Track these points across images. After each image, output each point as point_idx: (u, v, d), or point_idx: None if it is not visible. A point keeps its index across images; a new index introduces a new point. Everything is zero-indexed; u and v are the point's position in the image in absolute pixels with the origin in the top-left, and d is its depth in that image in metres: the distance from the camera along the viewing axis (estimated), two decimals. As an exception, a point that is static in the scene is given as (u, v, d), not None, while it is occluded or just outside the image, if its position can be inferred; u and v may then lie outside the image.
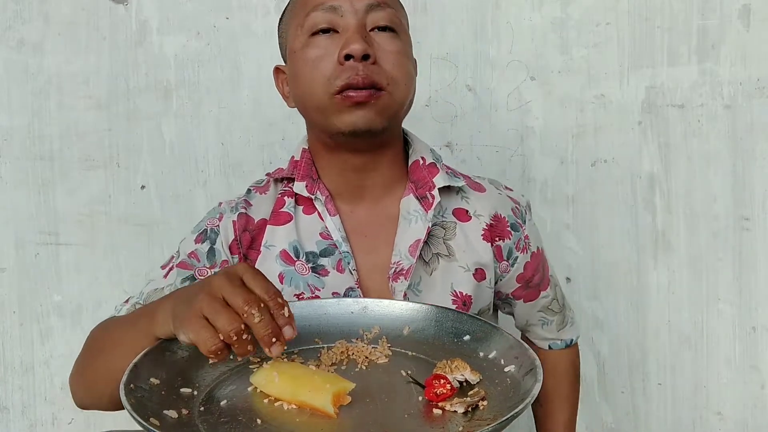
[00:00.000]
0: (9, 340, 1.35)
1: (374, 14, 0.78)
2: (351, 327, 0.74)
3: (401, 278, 0.81)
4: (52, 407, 1.35)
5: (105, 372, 0.71)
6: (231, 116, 1.31)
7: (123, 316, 0.79)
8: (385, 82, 0.76)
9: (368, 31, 0.78)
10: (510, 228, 0.88)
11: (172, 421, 0.56)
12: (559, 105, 1.27)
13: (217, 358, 0.58)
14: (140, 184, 1.32)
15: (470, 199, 0.88)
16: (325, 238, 0.83)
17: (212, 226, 0.85)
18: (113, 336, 0.74)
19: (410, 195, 0.85)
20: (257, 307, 0.57)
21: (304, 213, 0.85)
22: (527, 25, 1.26)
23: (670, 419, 1.28)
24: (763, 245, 1.23)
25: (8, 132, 1.32)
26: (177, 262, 0.85)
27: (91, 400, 0.76)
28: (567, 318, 0.99)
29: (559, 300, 0.98)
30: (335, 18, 0.77)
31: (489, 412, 0.58)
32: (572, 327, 1.01)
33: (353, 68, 0.75)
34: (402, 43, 0.80)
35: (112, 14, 1.30)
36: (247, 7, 1.29)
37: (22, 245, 1.33)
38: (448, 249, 0.85)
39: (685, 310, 1.27)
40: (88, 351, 0.77)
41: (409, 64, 0.80)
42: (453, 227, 0.86)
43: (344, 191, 0.85)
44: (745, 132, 1.22)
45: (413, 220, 0.83)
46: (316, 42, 0.78)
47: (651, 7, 1.24)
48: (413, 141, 0.90)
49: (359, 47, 0.74)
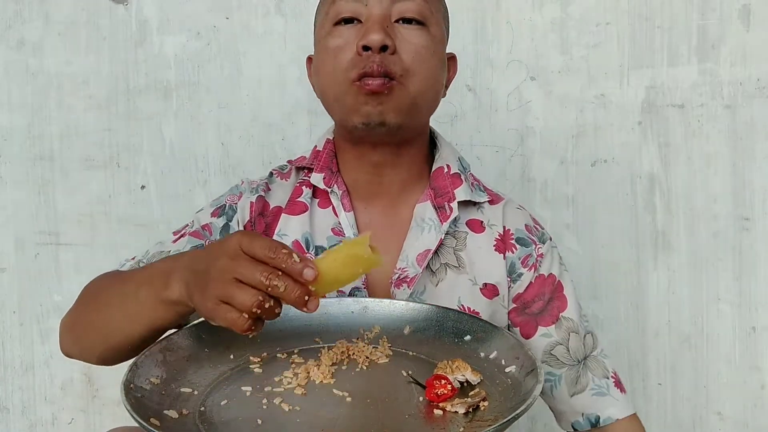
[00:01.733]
0: (9, 340, 1.34)
1: (401, 5, 0.75)
2: (351, 327, 0.74)
3: (404, 286, 0.79)
4: (52, 407, 1.35)
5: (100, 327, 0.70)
6: (231, 116, 1.31)
7: (126, 273, 0.77)
8: (399, 72, 0.74)
9: (393, 21, 0.75)
10: (515, 242, 0.84)
11: (172, 421, 0.56)
12: (559, 105, 1.27)
13: (254, 332, 0.58)
14: (140, 184, 1.32)
15: (485, 208, 0.85)
16: (337, 234, 0.82)
17: (231, 202, 0.85)
18: (114, 292, 0.72)
19: (427, 202, 0.82)
20: (275, 276, 0.56)
21: (319, 206, 0.83)
22: (527, 25, 1.26)
23: (670, 419, 1.28)
24: (763, 245, 1.23)
25: (8, 132, 1.32)
26: (191, 230, 0.84)
27: (79, 350, 0.75)
28: (587, 381, 0.80)
29: (572, 351, 0.81)
30: (359, 7, 0.75)
31: (490, 412, 0.58)
32: (600, 398, 0.79)
33: (369, 58, 0.73)
34: (429, 37, 0.76)
35: (112, 14, 1.30)
36: (247, 7, 1.29)
37: (22, 245, 1.33)
38: (458, 260, 0.82)
39: (685, 310, 1.27)
40: (85, 302, 0.76)
41: (432, 59, 0.77)
42: (464, 237, 0.82)
43: (361, 187, 0.83)
44: (745, 132, 1.22)
45: (426, 228, 0.81)
46: (338, 32, 0.77)
47: (651, 7, 1.24)
48: (441, 146, 0.86)
49: (377, 38, 0.72)
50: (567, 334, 0.82)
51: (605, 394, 0.79)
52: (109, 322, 0.69)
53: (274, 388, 0.63)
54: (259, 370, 0.66)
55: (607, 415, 0.79)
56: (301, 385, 0.63)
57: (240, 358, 0.68)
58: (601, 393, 0.79)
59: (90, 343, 0.73)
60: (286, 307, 0.59)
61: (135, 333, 0.68)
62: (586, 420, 0.80)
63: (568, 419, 0.83)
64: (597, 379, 0.80)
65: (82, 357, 0.76)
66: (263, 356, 0.69)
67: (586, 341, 0.82)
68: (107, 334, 0.69)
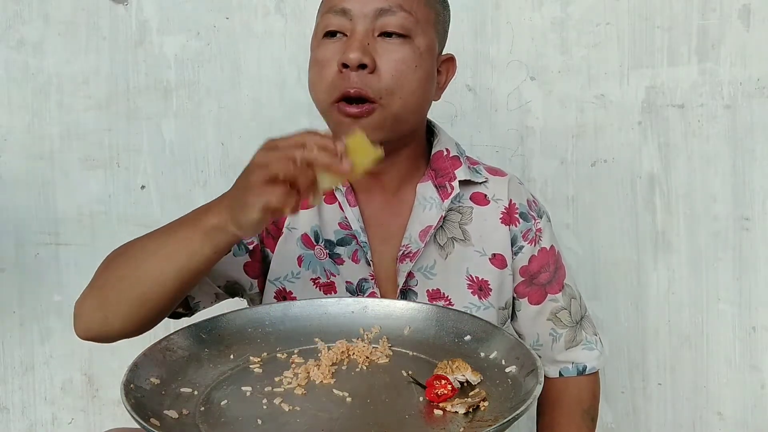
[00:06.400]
0: (9, 340, 1.34)
1: (383, 19, 0.76)
2: (352, 326, 0.74)
3: (407, 260, 0.82)
4: (52, 407, 1.35)
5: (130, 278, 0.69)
6: (231, 116, 1.31)
7: (151, 231, 0.75)
8: (377, 95, 0.75)
9: (377, 35, 0.77)
10: (519, 216, 0.88)
11: (172, 421, 0.56)
12: (559, 105, 1.27)
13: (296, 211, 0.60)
14: (140, 184, 1.32)
15: (489, 183, 0.89)
16: (344, 228, 0.85)
17: None
18: (147, 240, 0.72)
19: (428, 182, 0.86)
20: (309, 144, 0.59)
21: (325, 202, 0.86)
22: (527, 25, 1.26)
23: (670, 419, 1.28)
24: (763, 245, 1.23)
25: (8, 132, 1.32)
26: None
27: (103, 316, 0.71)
28: (581, 339, 0.92)
29: (572, 314, 0.92)
30: (344, 22, 0.77)
31: (490, 413, 0.58)
32: (588, 352, 0.92)
33: (348, 77, 0.75)
34: (411, 50, 0.77)
35: (112, 14, 1.30)
36: (247, 7, 1.29)
37: (22, 245, 1.33)
38: (464, 234, 0.85)
39: (685, 310, 1.27)
40: (110, 262, 0.75)
41: (416, 73, 0.78)
42: (470, 212, 0.86)
43: (363, 183, 0.86)
44: (745, 132, 1.22)
45: (428, 206, 0.84)
46: (325, 45, 0.79)
47: (651, 7, 1.24)
48: (439, 133, 0.90)
49: (354, 57, 0.74)
50: (569, 299, 0.91)
51: (593, 348, 0.92)
52: (141, 268, 0.68)
53: (274, 388, 0.63)
54: (259, 370, 0.66)
55: (592, 365, 0.92)
56: (301, 385, 0.63)
57: (240, 358, 0.68)
58: (590, 348, 0.92)
59: (117, 301, 0.70)
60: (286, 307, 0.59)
61: (169, 277, 0.67)
62: (574, 368, 0.92)
63: (557, 367, 0.93)
64: (589, 336, 0.92)
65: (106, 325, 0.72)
66: (263, 356, 0.69)
67: (582, 304, 0.93)
68: (138, 284, 0.68)
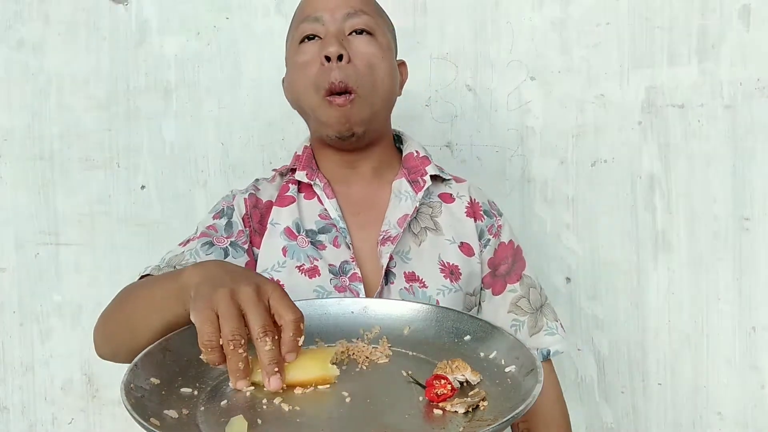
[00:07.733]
0: (9, 340, 1.35)
1: (351, 20, 0.90)
2: (351, 327, 0.74)
3: (388, 243, 0.90)
4: (52, 407, 1.35)
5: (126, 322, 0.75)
6: (231, 116, 1.31)
7: (153, 276, 0.83)
8: (356, 84, 0.87)
9: (347, 35, 0.89)
10: (483, 213, 0.98)
11: (172, 421, 0.56)
12: (559, 105, 1.27)
13: (207, 357, 0.59)
14: (140, 184, 1.32)
15: (452, 185, 1.00)
16: (324, 218, 0.93)
17: (227, 205, 0.95)
18: (141, 286, 0.79)
19: (402, 178, 0.96)
20: (271, 337, 0.59)
21: (305, 198, 0.95)
22: (527, 25, 1.26)
23: (670, 419, 1.28)
24: (763, 245, 1.23)
25: (8, 132, 1.32)
26: (196, 235, 0.92)
27: (110, 349, 0.80)
28: (543, 324, 0.97)
29: (532, 302, 0.97)
30: (318, 27, 0.90)
31: (489, 412, 0.58)
32: (550, 337, 0.97)
33: (331, 69, 0.87)
34: (377, 45, 0.91)
35: (112, 14, 1.30)
36: (247, 7, 1.29)
37: (22, 245, 1.33)
38: (435, 225, 0.95)
39: (685, 310, 1.27)
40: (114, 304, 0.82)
41: (382, 64, 0.90)
42: (439, 206, 0.97)
43: (339, 178, 0.96)
44: (745, 132, 1.22)
45: (403, 198, 0.94)
46: (303, 48, 0.91)
47: (651, 7, 1.24)
48: (406, 139, 1.02)
49: (333, 49, 0.86)
50: (527, 289, 0.98)
51: (554, 333, 0.97)
52: (134, 315, 0.74)
53: (274, 388, 0.63)
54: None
55: (555, 349, 0.96)
56: (301, 385, 0.63)
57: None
58: (551, 333, 0.97)
59: (118, 341, 0.77)
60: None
61: (154, 326, 0.70)
62: (539, 353, 0.96)
63: None
64: (550, 322, 0.98)
65: (115, 356, 0.80)
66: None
67: (542, 293, 0.99)
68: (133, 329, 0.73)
